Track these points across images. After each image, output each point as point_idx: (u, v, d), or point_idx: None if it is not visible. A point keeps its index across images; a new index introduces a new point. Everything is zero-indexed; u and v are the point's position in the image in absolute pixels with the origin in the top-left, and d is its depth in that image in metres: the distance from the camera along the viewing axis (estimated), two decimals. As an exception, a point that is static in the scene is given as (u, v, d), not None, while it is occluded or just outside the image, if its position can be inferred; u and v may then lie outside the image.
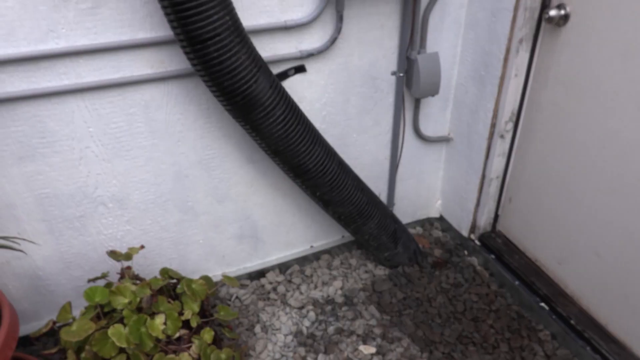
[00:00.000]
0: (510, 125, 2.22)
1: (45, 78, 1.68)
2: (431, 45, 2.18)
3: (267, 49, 1.89)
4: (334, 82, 2.08)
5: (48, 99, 1.71)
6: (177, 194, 2.09)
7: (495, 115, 2.20)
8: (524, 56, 2.04)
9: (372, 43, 2.07)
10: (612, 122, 1.77)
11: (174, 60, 1.80)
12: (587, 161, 1.92)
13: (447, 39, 2.21)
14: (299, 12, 1.87)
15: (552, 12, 1.88)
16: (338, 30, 1.93)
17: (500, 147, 2.28)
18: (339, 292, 2.42)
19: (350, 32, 2.00)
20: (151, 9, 1.67)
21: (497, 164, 2.33)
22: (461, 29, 2.21)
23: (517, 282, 2.35)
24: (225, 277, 1.96)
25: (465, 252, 2.65)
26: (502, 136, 2.24)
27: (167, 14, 1.53)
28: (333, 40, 1.95)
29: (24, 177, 1.82)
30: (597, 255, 1.98)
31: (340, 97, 2.14)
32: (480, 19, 2.12)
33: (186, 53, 1.61)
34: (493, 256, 2.50)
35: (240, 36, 1.61)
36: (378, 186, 2.53)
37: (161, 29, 1.72)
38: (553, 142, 2.06)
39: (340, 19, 1.91)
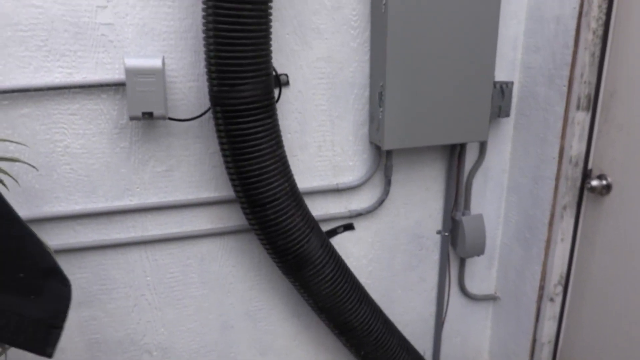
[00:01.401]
0: (560, 289, 2.18)
1: (115, 230, 1.82)
2: (475, 206, 2.26)
3: (319, 208, 2.02)
4: (380, 239, 2.16)
5: (115, 249, 1.84)
6: (222, 345, 2.09)
7: (543, 278, 2.18)
8: (569, 221, 2.08)
9: (418, 204, 2.17)
10: (669, 296, 1.73)
11: (233, 217, 1.93)
12: (647, 334, 1.83)
13: (490, 201, 2.29)
14: (350, 176, 2.02)
15: (594, 182, 1.95)
16: (386, 192, 2.06)
17: (551, 310, 2.22)
18: None
19: (397, 194, 2.11)
20: (217, 173, 1.85)
21: (548, 327, 2.25)
22: (504, 192, 2.30)
23: None
24: None
25: None
26: (551, 299, 2.19)
27: (232, 180, 1.69)
28: (381, 202, 2.07)
29: (79, 321, 1.88)
30: None
31: (386, 254, 2.19)
32: (522, 184, 2.21)
33: (245, 214, 1.74)
34: None
35: (296, 200, 1.74)
36: (423, 344, 2.45)
37: (224, 190, 1.88)
38: (606, 307, 2.00)
39: (388, 182, 2.04)
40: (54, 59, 1.61)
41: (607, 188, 1.94)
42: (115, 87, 1.67)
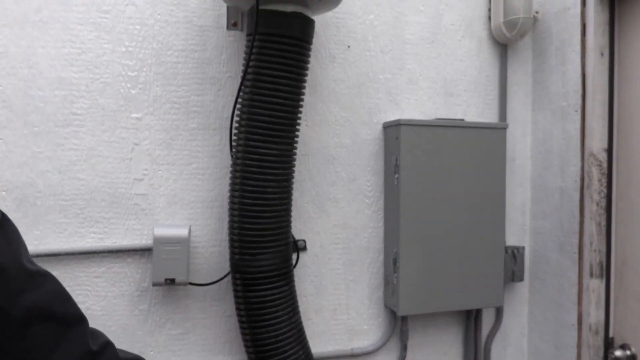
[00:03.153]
0: None
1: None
2: (496, 374, 2.17)
3: (333, 374, 1.96)
4: (398, 409, 2.05)
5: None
6: None
7: None
8: (597, 395, 1.97)
9: (436, 370, 2.09)
10: None
11: (245, 383, 1.87)
12: None
13: (511, 368, 2.21)
14: (365, 341, 1.99)
15: (618, 353, 1.89)
16: (402, 358, 2.00)
17: None
18: None
19: (414, 359, 2.06)
20: (232, 336, 1.85)
21: None
22: (525, 358, 2.22)
23: None
24: None
25: None
26: None
27: (246, 345, 1.68)
28: (397, 368, 2.01)
29: None
30: None
31: None
32: (543, 350, 2.14)
33: (258, 381, 1.69)
34: None
35: (310, 368, 1.70)
36: None
37: (237, 353, 1.85)
38: None
39: (404, 347, 2.00)
40: (88, 225, 1.72)
41: (632, 358, 1.88)
42: (142, 251, 1.76)
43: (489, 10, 2.12)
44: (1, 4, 1.63)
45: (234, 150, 1.65)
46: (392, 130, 1.92)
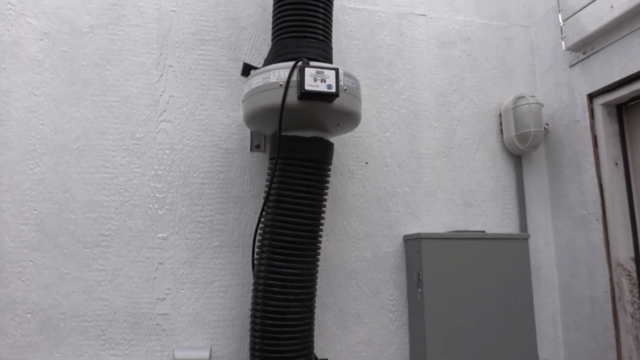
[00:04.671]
0: None
1: None
2: None
3: None
4: None
5: None
6: None
7: None
8: None
9: None
10: None
11: None
12: None
13: None
14: None
15: None
16: None
17: None
18: None
19: None
20: None
21: None
22: None
23: None
24: None
25: None
26: None
27: None
28: None
29: None
30: None
31: None
32: None
33: None
34: None
35: None
36: None
37: None
38: None
39: None
40: (109, 347, 1.70)
41: None
42: (161, 374, 1.72)
43: (500, 124, 2.21)
44: (43, 135, 1.76)
45: (255, 269, 1.67)
46: (413, 243, 1.92)
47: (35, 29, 1.82)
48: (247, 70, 1.95)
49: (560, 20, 2.13)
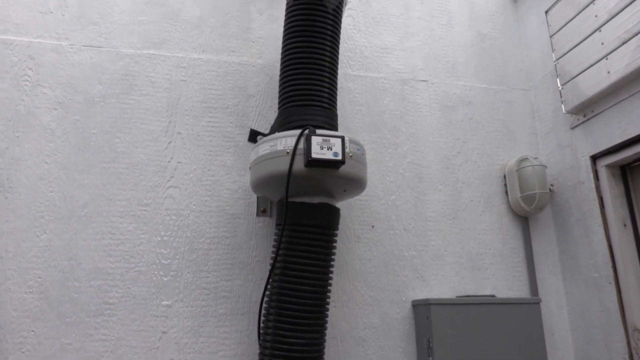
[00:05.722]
0: None
1: None
2: None
3: None
4: None
5: None
6: None
7: None
8: None
9: None
10: None
11: None
12: None
13: None
14: None
15: None
16: None
17: None
18: None
19: None
20: None
21: None
22: None
23: None
24: None
25: None
26: None
27: None
28: None
29: None
30: None
31: None
32: None
33: None
34: None
35: None
36: None
37: None
38: None
39: None
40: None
41: None
42: None
43: (505, 185, 2.22)
44: (51, 202, 1.78)
45: (261, 338, 1.63)
46: (422, 309, 1.88)
47: (49, 98, 1.88)
48: (253, 136, 1.98)
49: (559, 85, 2.19)
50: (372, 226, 2.02)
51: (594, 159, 2.05)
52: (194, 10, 2.10)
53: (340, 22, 1.89)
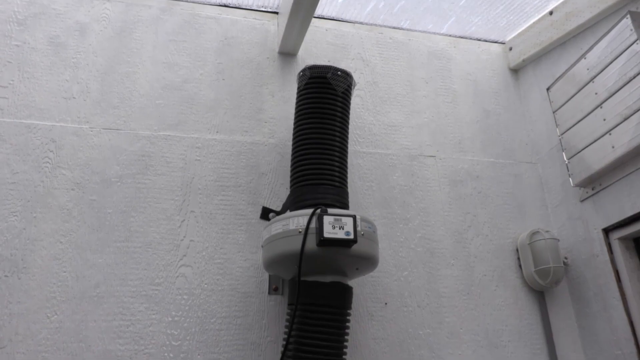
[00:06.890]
0: None
1: None
2: None
3: None
4: None
5: None
6: None
7: None
8: None
9: None
10: None
11: None
12: None
13: None
14: None
15: None
16: None
17: None
18: None
19: None
20: None
21: None
22: None
23: None
24: None
25: None
26: None
27: None
28: None
29: None
30: None
31: None
32: None
33: None
34: None
35: None
36: None
37: None
38: None
39: None
40: None
41: None
42: None
43: (518, 259, 2.20)
44: (64, 282, 1.78)
45: None
46: (440, 391, 1.81)
47: (68, 179, 1.94)
48: (266, 213, 2.01)
49: (565, 159, 2.22)
50: (386, 303, 1.99)
51: (606, 232, 2.05)
52: (209, 94, 2.20)
53: (349, 103, 1.97)
